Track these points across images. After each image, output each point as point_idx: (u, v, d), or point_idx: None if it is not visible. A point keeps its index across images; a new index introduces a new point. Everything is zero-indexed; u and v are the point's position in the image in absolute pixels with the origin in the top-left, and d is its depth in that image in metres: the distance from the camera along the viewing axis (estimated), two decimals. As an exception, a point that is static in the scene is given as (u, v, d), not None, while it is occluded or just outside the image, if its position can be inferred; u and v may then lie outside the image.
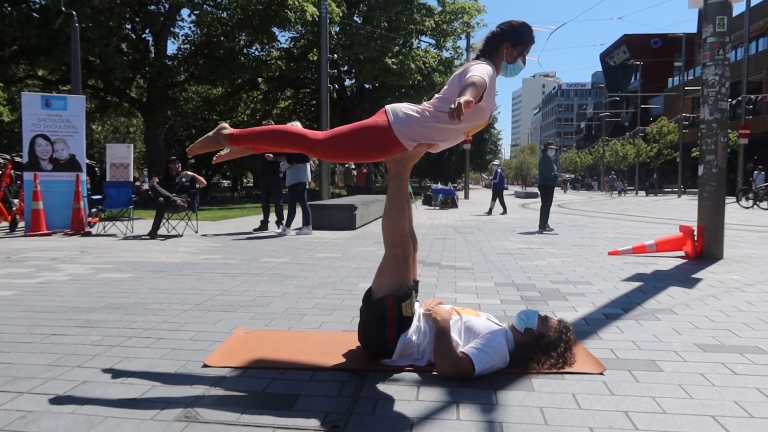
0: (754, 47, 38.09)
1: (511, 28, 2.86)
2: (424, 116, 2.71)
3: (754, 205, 19.35)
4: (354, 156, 2.87)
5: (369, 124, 2.76)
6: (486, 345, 2.56)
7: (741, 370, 2.68)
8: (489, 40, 2.87)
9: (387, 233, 2.74)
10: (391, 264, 2.72)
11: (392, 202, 2.77)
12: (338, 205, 10.43)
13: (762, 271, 5.56)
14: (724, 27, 6.41)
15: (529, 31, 2.89)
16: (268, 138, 2.94)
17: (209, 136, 2.92)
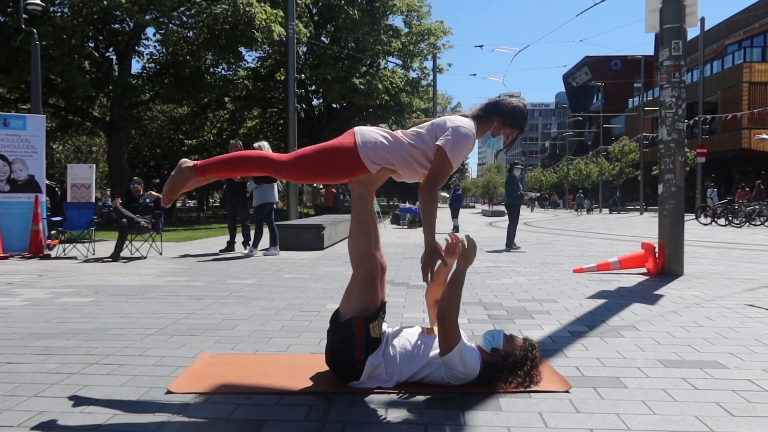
0: (709, 69, 39.55)
1: (511, 109, 2.92)
2: (393, 143, 2.74)
3: (712, 222, 19.93)
4: (318, 177, 2.88)
5: (335, 146, 2.77)
6: (466, 347, 2.66)
7: (701, 385, 2.73)
8: (487, 107, 2.93)
9: (353, 254, 2.75)
10: (358, 285, 2.72)
11: (357, 223, 2.77)
12: (306, 225, 10.38)
13: (720, 287, 5.72)
14: (680, 51, 6.65)
15: (524, 120, 2.96)
16: (233, 165, 2.92)
17: (173, 175, 2.88)
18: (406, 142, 2.75)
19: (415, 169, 2.78)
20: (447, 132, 2.70)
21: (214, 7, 20.21)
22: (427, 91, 33.13)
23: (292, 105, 16.16)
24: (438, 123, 2.79)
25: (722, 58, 40.48)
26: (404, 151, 2.73)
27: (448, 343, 2.60)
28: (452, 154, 2.67)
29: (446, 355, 2.59)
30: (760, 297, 5.16)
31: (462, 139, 2.70)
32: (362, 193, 2.81)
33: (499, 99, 2.97)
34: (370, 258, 2.72)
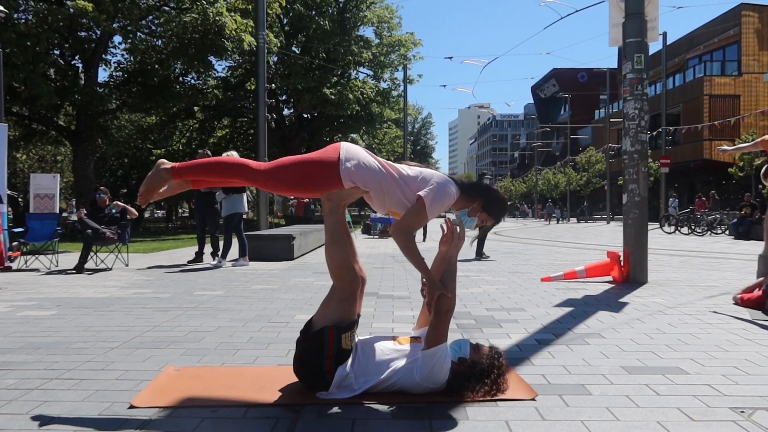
0: (672, 83, 40.65)
1: (496, 200, 2.96)
2: (375, 169, 2.77)
3: (675, 231, 20.41)
4: (294, 189, 2.89)
5: (315, 159, 2.78)
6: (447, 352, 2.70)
7: (663, 391, 2.79)
8: (477, 187, 2.97)
9: (331, 267, 2.75)
10: (336, 296, 2.72)
11: (331, 237, 2.77)
12: (276, 236, 10.31)
13: (683, 294, 5.86)
14: (642, 64, 6.83)
15: (502, 213, 3.02)
16: (210, 170, 2.91)
17: (150, 175, 2.85)
18: (386, 172, 2.79)
19: (384, 201, 2.82)
20: (431, 186, 2.76)
21: (183, 16, 20.05)
22: (397, 102, 33.33)
23: (262, 115, 16.08)
24: (426, 175, 2.83)
25: (684, 72, 41.68)
26: (383, 181, 2.76)
27: (437, 337, 2.63)
28: (430, 207, 2.73)
29: (430, 350, 2.60)
30: (720, 304, 5.30)
31: (443, 197, 2.77)
32: (333, 208, 2.81)
33: (491, 186, 3.01)
34: (349, 270, 2.72)
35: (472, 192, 2.94)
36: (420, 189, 2.76)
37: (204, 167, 2.89)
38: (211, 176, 2.96)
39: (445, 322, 2.68)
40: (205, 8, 20.05)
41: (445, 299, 2.68)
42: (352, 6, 30.16)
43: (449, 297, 2.69)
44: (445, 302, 2.68)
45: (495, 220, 2.99)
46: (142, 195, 2.87)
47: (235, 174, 2.87)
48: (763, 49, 38.03)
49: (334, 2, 30.12)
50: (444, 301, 2.67)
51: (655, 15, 7.00)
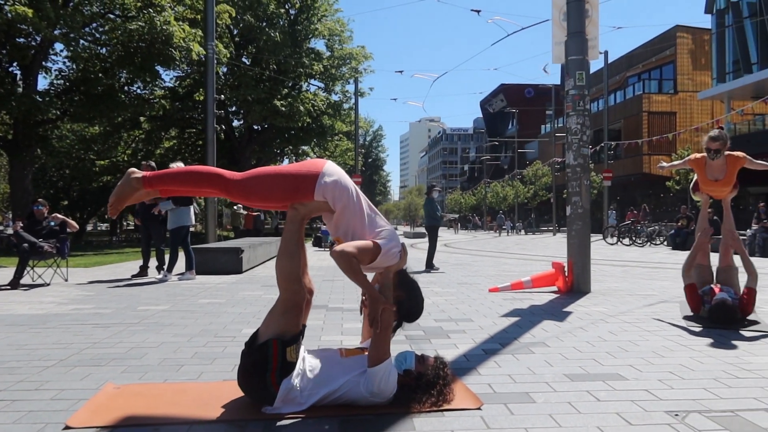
0: (613, 99, 42.25)
1: (415, 303, 2.92)
2: (351, 195, 2.78)
3: (618, 242, 21.11)
4: (265, 200, 2.84)
5: (292, 173, 2.77)
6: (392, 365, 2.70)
7: (603, 397, 2.88)
8: (407, 281, 2.94)
9: (278, 277, 2.72)
10: (281, 307, 2.69)
11: (285, 245, 2.75)
12: (224, 249, 10.13)
13: (623, 303, 6.06)
14: (583, 81, 7.08)
15: (412, 317, 2.95)
16: (183, 179, 2.84)
17: (120, 185, 2.76)
18: (357, 201, 2.79)
19: (339, 226, 2.82)
20: (391, 246, 2.78)
21: (129, 24, 19.56)
22: (349, 114, 33.41)
23: (211, 126, 15.83)
24: (388, 234, 2.83)
25: (624, 89, 43.41)
26: (350, 207, 2.76)
27: (380, 354, 2.62)
28: (381, 257, 2.75)
29: (375, 367, 2.60)
30: (658, 311, 5.50)
31: (391, 259, 2.80)
32: (294, 216, 2.79)
33: (417, 292, 2.94)
34: (295, 281, 2.69)
35: (400, 280, 2.92)
36: (376, 237, 2.78)
37: (176, 176, 2.83)
38: (184, 186, 2.89)
39: (388, 338, 2.68)
40: (152, 17, 19.64)
41: (387, 314, 2.68)
42: (303, 18, 30.13)
43: (392, 311, 2.70)
44: (388, 317, 2.68)
45: (402, 317, 2.89)
46: (111, 205, 2.78)
47: (207, 183, 2.81)
48: (696, 69, 40.00)
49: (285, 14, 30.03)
50: (386, 316, 2.67)
51: (595, 34, 7.27)
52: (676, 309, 5.61)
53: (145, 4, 20.48)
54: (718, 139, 4.99)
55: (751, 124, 29.51)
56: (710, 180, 5.23)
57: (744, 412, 2.66)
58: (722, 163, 5.10)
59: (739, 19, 31.07)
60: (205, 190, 2.92)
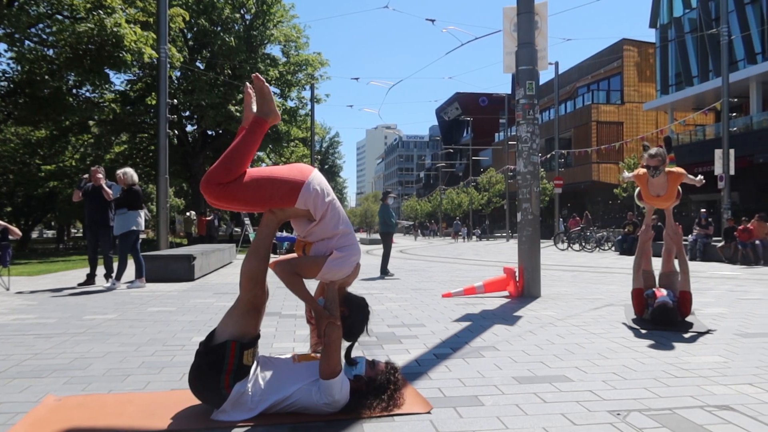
0: (563, 109, 43.41)
1: (357, 324, 2.89)
2: (331, 204, 2.75)
3: (568, 248, 21.65)
4: (249, 204, 2.74)
5: (283, 178, 2.68)
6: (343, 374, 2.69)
7: (550, 398, 2.95)
8: (353, 302, 2.93)
9: (243, 277, 2.69)
10: (241, 308, 2.66)
11: (255, 246, 2.73)
12: (175, 256, 9.92)
13: (572, 307, 6.22)
14: (533, 90, 7.27)
15: (354, 334, 2.92)
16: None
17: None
18: (335, 213, 2.76)
19: (311, 231, 2.78)
20: (346, 256, 2.74)
21: (78, 26, 18.99)
22: (305, 121, 33.25)
23: (163, 131, 15.50)
24: (355, 246, 2.81)
25: (574, 99, 44.68)
26: (326, 218, 2.74)
27: (330, 368, 2.61)
28: (329, 268, 2.71)
29: (329, 381, 2.59)
30: (604, 315, 5.67)
31: (345, 268, 2.76)
32: (271, 220, 2.77)
33: (362, 310, 2.92)
34: (258, 284, 2.67)
35: (346, 300, 2.91)
36: (339, 247, 2.75)
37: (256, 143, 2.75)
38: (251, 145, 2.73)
39: (337, 350, 2.67)
40: (102, 19, 19.13)
41: (333, 328, 2.67)
42: (258, 24, 29.87)
43: (337, 325, 2.70)
44: (334, 331, 2.68)
45: (348, 333, 2.85)
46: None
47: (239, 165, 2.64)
48: (642, 81, 41.52)
49: (241, 19, 29.72)
50: (332, 330, 2.67)
51: (544, 45, 7.48)
52: (621, 312, 5.80)
53: (95, 6, 19.92)
54: (656, 156, 5.20)
55: (692, 135, 30.77)
56: (653, 195, 5.45)
57: (681, 410, 2.77)
58: (663, 181, 5.32)
59: (681, 34, 32.43)
60: (226, 173, 2.61)
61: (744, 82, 26.42)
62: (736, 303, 6.58)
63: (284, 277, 2.67)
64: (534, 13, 7.36)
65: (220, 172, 2.59)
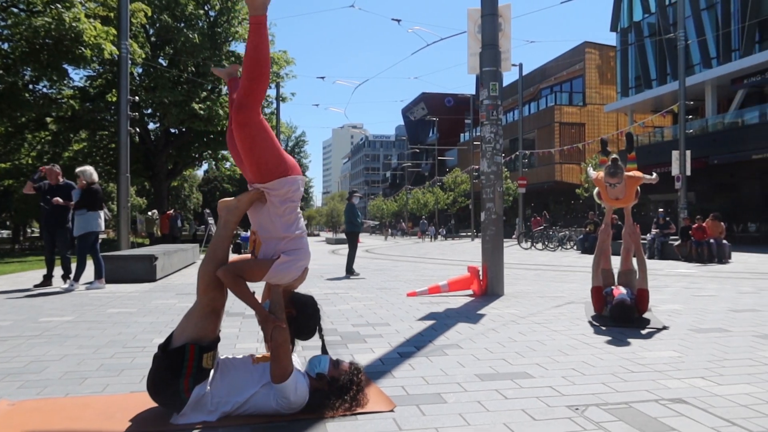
0: (527, 110, 44.05)
1: (306, 323, 2.91)
2: (294, 206, 2.77)
3: (531, 247, 21.98)
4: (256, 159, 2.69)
5: (287, 162, 2.75)
6: (299, 374, 2.68)
7: (511, 395, 3.00)
8: (295, 295, 2.93)
9: (200, 280, 2.67)
10: (200, 311, 2.64)
11: (213, 249, 2.72)
12: (136, 256, 9.72)
13: (534, 305, 6.33)
14: (497, 91, 7.36)
15: (305, 334, 2.94)
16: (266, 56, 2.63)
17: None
18: (296, 214, 2.77)
19: (265, 226, 2.77)
20: (294, 259, 2.73)
21: (34, 20, 18.42)
22: (270, 119, 32.91)
23: (124, 128, 15.17)
24: (304, 252, 2.80)
25: (538, 101, 45.42)
26: (286, 215, 2.74)
27: (281, 371, 2.60)
28: (275, 271, 2.70)
29: (281, 384, 2.58)
30: (565, 312, 5.79)
31: (292, 272, 2.74)
32: (228, 220, 2.77)
33: (310, 308, 2.92)
34: (215, 288, 2.65)
35: (294, 299, 2.91)
36: (288, 251, 2.74)
37: (267, 44, 2.65)
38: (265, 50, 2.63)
39: (285, 353, 2.65)
40: (61, 12, 18.59)
41: (279, 331, 2.65)
42: (223, 21, 29.45)
43: (284, 328, 2.68)
44: (281, 334, 2.65)
45: (290, 334, 2.80)
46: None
47: (265, 74, 2.63)
48: (603, 83, 42.45)
49: (205, 16, 29.26)
50: (279, 333, 2.65)
51: (507, 47, 7.58)
52: (582, 309, 5.92)
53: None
54: (615, 175, 5.34)
55: (651, 136, 31.59)
56: (612, 198, 5.60)
57: (636, 404, 2.85)
58: (622, 186, 5.47)
59: (640, 37, 33.27)
60: (256, 81, 2.60)
61: (700, 86, 27.25)
62: (691, 300, 6.79)
63: (228, 281, 2.64)
64: (498, 15, 7.45)
65: (251, 82, 2.58)
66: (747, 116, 25.32)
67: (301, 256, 2.77)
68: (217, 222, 2.85)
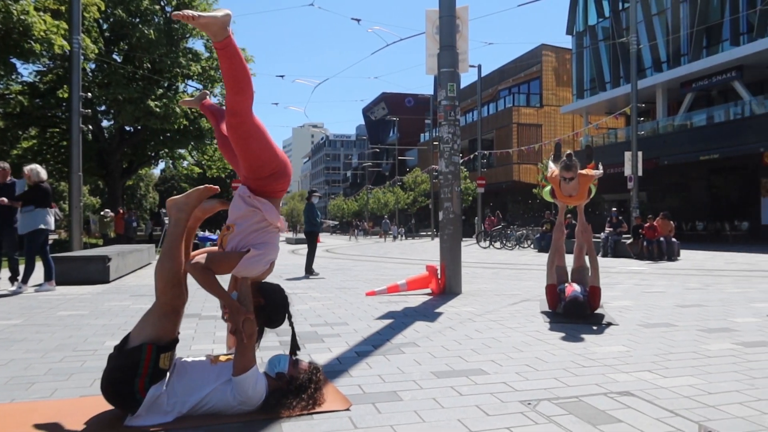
0: (486, 111, 44.64)
1: (275, 311, 2.92)
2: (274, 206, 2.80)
3: (490, 246, 22.30)
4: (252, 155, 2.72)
5: (281, 157, 2.81)
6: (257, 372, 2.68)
7: (465, 391, 3.05)
8: (263, 284, 2.93)
9: (157, 281, 2.64)
10: (158, 311, 2.61)
11: (167, 248, 2.69)
12: (89, 257, 9.46)
13: (491, 303, 6.43)
14: (454, 92, 7.45)
15: (275, 322, 2.96)
16: (242, 64, 2.59)
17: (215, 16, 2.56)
18: (274, 211, 2.79)
19: (245, 217, 2.77)
20: (262, 254, 2.72)
21: (-22, 12, 17.73)
22: (228, 118, 32.48)
23: (76, 125, 14.75)
24: (273, 246, 2.80)
25: (496, 102, 46.05)
26: (266, 209, 2.75)
27: (244, 363, 2.59)
28: (246, 263, 2.69)
29: (239, 376, 2.57)
30: (521, 310, 5.90)
31: (260, 265, 2.74)
32: (179, 219, 2.73)
33: (278, 296, 2.96)
34: (174, 287, 2.62)
35: (262, 286, 2.91)
36: (256, 245, 2.73)
37: (240, 58, 2.61)
38: (240, 69, 2.59)
39: (252, 345, 2.66)
40: (8, 5, 17.94)
41: (248, 323, 2.65)
42: (179, 17, 28.95)
43: (252, 320, 2.68)
44: (249, 326, 2.66)
45: (260, 324, 2.85)
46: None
47: (248, 86, 2.61)
48: (559, 85, 43.33)
49: (161, 11, 28.63)
50: (248, 326, 2.65)
51: (465, 48, 7.68)
52: (537, 307, 6.05)
53: (-1, -9, 18.67)
54: (570, 169, 5.46)
55: (605, 137, 32.43)
56: (565, 195, 5.73)
57: (586, 397, 2.94)
58: (575, 183, 5.60)
59: (595, 41, 34.10)
60: (241, 94, 2.60)
61: (651, 89, 28.11)
62: (641, 296, 7.01)
63: (196, 274, 2.62)
64: (455, 16, 7.54)
65: (236, 96, 2.59)
66: (695, 119, 26.26)
67: (270, 250, 2.78)
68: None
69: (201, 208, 2.88)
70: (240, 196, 2.77)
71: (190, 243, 2.88)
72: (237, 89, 2.58)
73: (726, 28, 25.38)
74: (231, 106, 2.61)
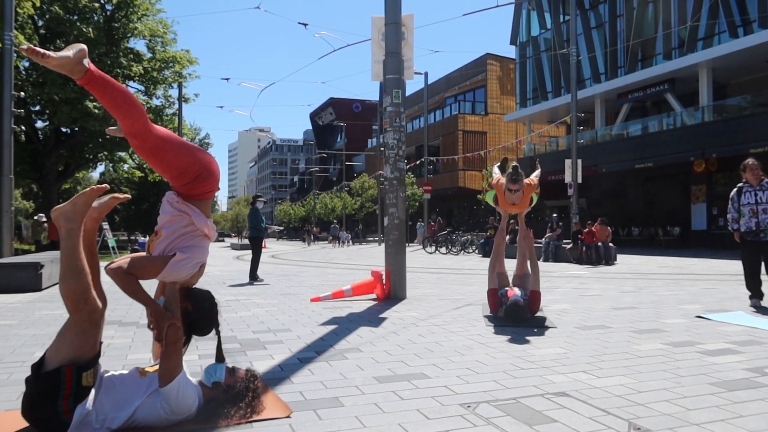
0: (432, 118, 45.21)
1: (202, 317, 2.84)
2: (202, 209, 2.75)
3: (435, 251, 22.55)
4: (169, 165, 2.68)
5: (200, 157, 2.74)
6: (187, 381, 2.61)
7: (407, 395, 3.08)
8: (191, 290, 2.87)
9: (66, 300, 2.46)
10: (73, 330, 2.44)
11: (66, 264, 2.49)
12: (19, 264, 9.04)
13: (434, 307, 6.51)
14: (400, 99, 7.51)
15: (201, 329, 2.88)
16: (119, 91, 2.48)
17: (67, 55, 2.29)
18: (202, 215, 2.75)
19: (172, 221, 2.71)
20: (190, 257, 2.66)
21: None
22: (172, 120, 31.65)
23: (8, 126, 14.07)
24: (201, 249, 2.75)
25: (442, 109, 46.73)
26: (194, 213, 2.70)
27: (170, 371, 2.53)
28: (172, 267, 2.63)
29: (165, 387, 2.50)
30: (463, 314, 5.99)
31: (187, 269, 2.68)
32: (71, 229, 2.54)
33: (206, 302, 2.89)
34: (86, 302, 2.46)
35: (189, 292, 2.85)
36: (183, 248, 2.67)
37: (115, 86, 2.46)
38: (115, 98, 2.46)
39: (177, 352, 2.59)
40: (-69, -2, 17.01)
41: (173, 329, 2.59)
42: (121, 15, 28.01)
43: (178, 326, 2.61)
44: (174, 332, 2.59)
45: (187, 330, 2.77)
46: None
47: (136, 111, 2.50)
48: (503, 94, 44.36)
49: (101, 9, 27.69)
50: (173, 332, 2.58)
51: (410, 56, 7.76)
52: (479, 311, 6.16)
53: None
54: (517, 182, 5.59)
55: (547, 145, 33.36)
56: (509, 203, 5.87)
57: (524, 399, 3.01)
58: (520, 193, 5.74)
59: (537, 52, 35.08)
60: (128, 118, 2.51)
61: (590, 99, 29.13)
62: (579, 299, 7.24)
63: (118, 279, 2.53)
64: (401, 24, 7.62)
65: (125, 120, 2.52)
66: (631, 128, 27.36)
67: (198, 254, 2.71)
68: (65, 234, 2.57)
69: (95, 207, 2.75)
70: (168, 201, 2.71)
71: (94, 246, 2.75)
72: (122, 115, 2.50)
73: (659, 42, 26.58)
74: (126, 130, 2.57)
